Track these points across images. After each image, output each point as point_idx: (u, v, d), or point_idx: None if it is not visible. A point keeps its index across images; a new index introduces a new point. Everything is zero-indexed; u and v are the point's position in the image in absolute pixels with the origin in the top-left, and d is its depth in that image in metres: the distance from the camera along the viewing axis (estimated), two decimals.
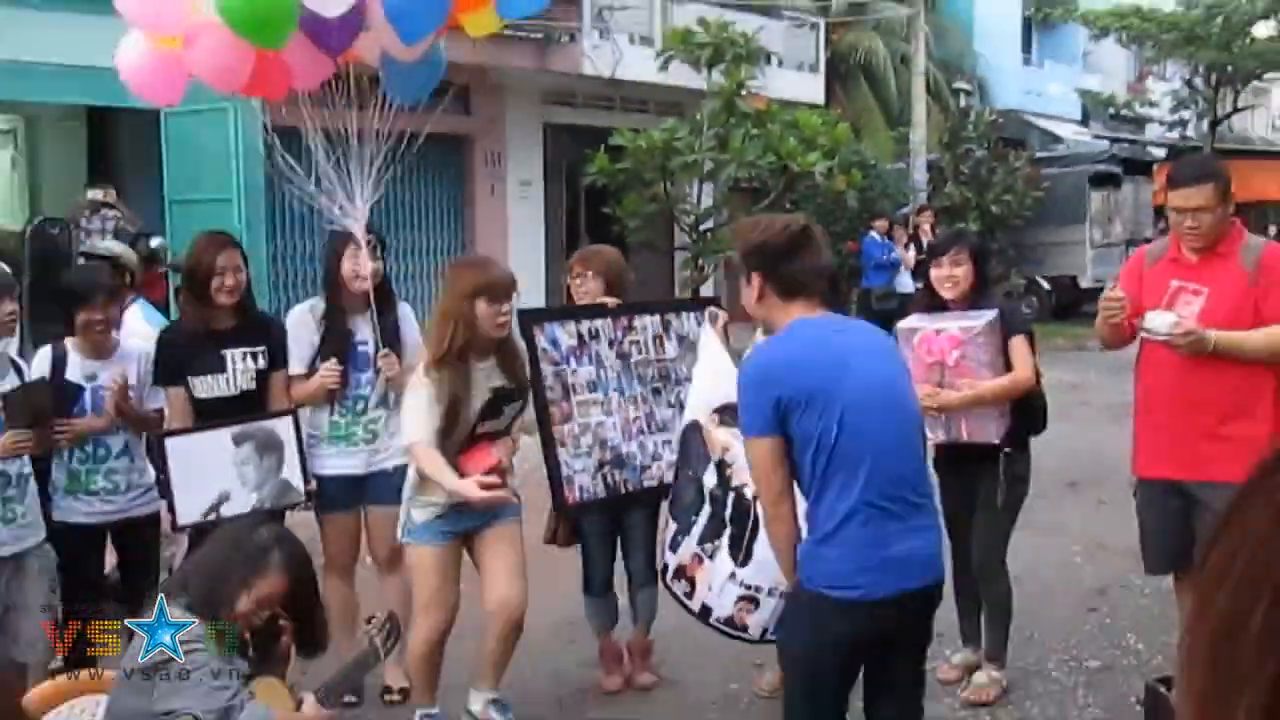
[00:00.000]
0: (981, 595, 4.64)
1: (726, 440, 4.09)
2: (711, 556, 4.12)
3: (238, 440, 4.33)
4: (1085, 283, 18.20)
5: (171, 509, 4.32)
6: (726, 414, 4.14)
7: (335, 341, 4.54)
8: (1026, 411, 4.49)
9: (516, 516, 4.31)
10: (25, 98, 10.99)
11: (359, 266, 4.50)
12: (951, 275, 4.48)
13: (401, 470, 4.66)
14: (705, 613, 4.15)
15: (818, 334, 3.12)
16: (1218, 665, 0.50)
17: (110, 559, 4.57)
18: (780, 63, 17.63)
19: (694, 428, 4.23)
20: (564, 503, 4.55)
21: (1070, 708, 4.54)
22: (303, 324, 4.61)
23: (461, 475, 3.95)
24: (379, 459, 4.62)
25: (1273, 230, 23.24)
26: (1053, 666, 4.93)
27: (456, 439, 4.00)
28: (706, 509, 4.19)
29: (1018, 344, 4.43)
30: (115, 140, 12.38)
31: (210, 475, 4.26)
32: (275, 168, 4.93)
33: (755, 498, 3.63)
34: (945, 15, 23.70)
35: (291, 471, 4.40)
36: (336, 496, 4.61)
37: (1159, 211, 17.57)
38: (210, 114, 10.94)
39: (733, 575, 4.03)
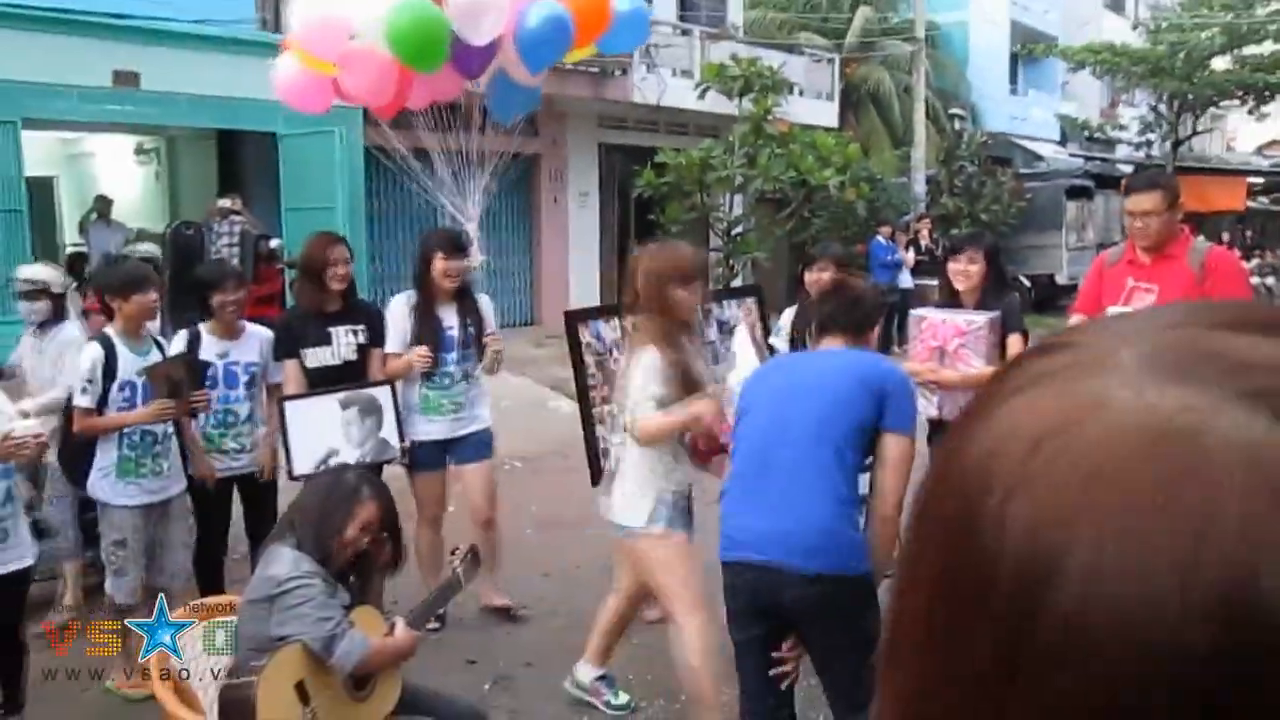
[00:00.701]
0: None
1: None
2: None
3: (345, 404, 4.41)
4: (1061, 280, 18.02)
5: (289, 461, 4.41)
6: None
7: (427, 327, 4.61)
8: None
9: None
10: (168, 122, 11.15)
11: (446, 267, 4.57)
12: (965, 270, 4.45)
13: (484, 433, 4.74)
14: None
15: (778, 367, 3.26)
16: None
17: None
18: (801, 92, 17.49)
19: None
20: (599, 471, 4.60)
21: None
22: (400, 313, 4.67)
23: (708, 456, 3.63)
24: (463, 425, 4.70)
25: (1225, 237, 22.83)
26: None
27: None
28: None
29: (1014, 340, 4.38)
30: (241, 157, 12.51)
31: (321, 433, 4.34)
32: (414, 178, 5.06)
33: None
34: (943, 51, 23.41)
35: (389, 432, 4.48)
36: (427, 457, 4.69)
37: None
38: (318, 136, 11.08)
39: None
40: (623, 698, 4.06)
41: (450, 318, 4.66)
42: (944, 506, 0.42)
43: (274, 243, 10.33)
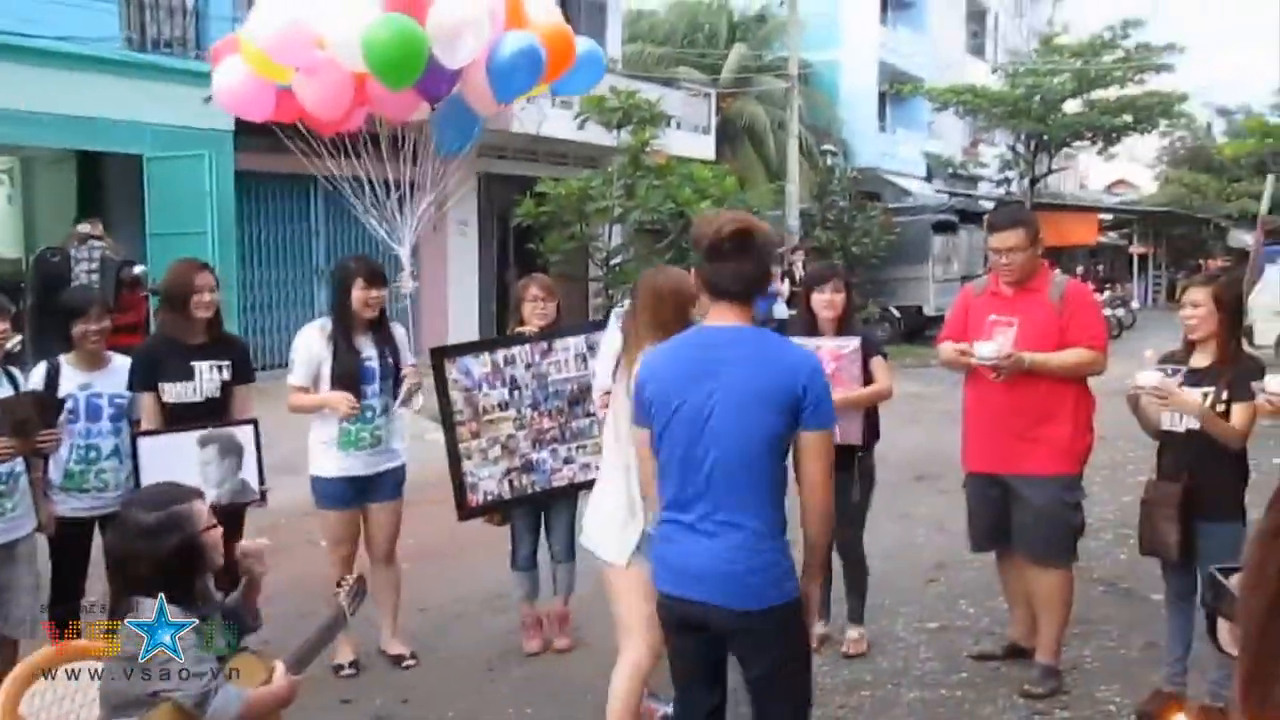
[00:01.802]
0: (844, 571, 4.72)
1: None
2: None
3: (203, 442, 4.19)
4: (929, 311, 18.70)
5: None
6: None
7: (347, 359, 4.42)
8: (873, 422, 4.63)
9: None
10: (23, 142, 10.65)
11: (367, 296, 4.43)
12: (832, 300, 4.57)
13: (399, 470, 4.61)
14: None
15: (689, 347, 2.83)
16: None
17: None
18: (678, 125, 17.78)
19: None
20: (464, 505, 4.59)
21: (913, 661, 4.64)
22: (311, 341, 4.46)
23: None
24: (382, 461, 4.53)
25: (1079, 269, 24.05)
26: (900, 628, 5.03)
27: None
28: None
29: (878, 363, 4.57)
30: (103, 180, 12.04)
31: (176, 472, 4.05)
32: (347, 203, 4.94)
33: None
34: (815, 88, 24.13)
35: (249, 473, 4.27)
36: (341, 494, 4.49)
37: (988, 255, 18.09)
38: (187, 160, 10.76)
39: None
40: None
41: (368, 348, 4.48)
42: None
43: (137, 269, 9.94)
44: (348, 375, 4.41)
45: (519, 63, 4.34)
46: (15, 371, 4.07)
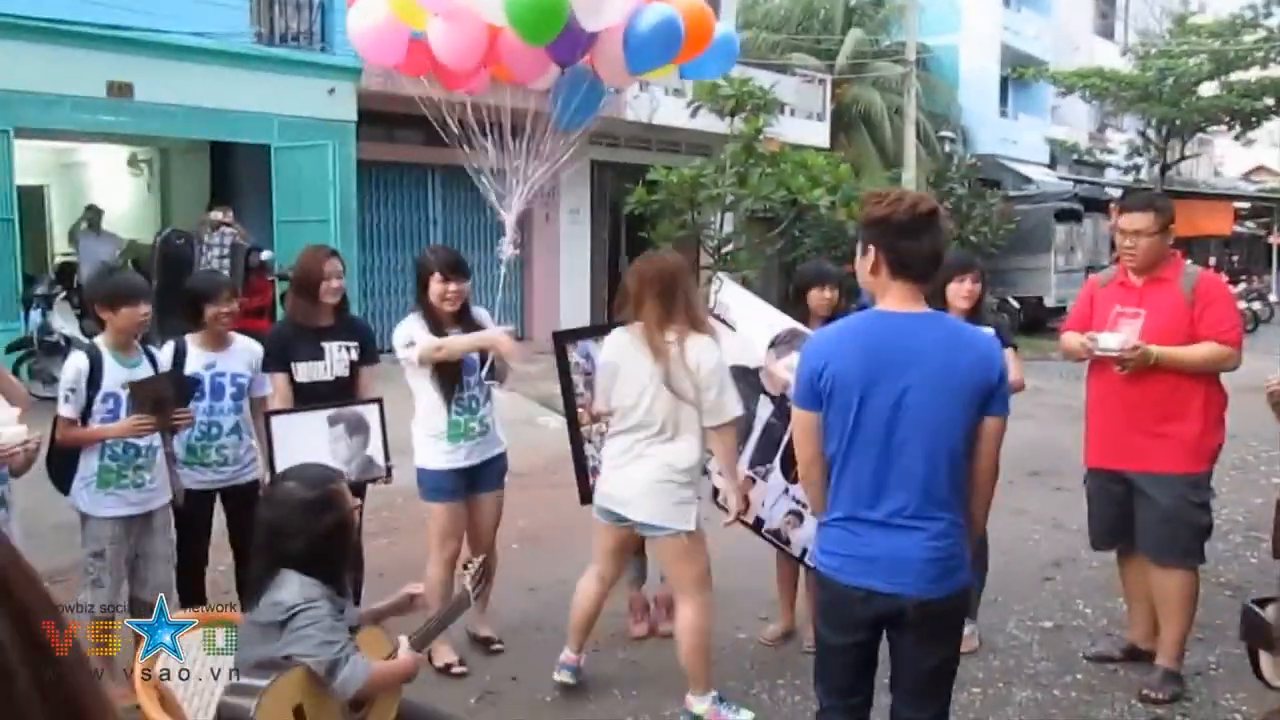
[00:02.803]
0: None
1: (786, 378, 4.17)
2: (764, 477, 4.33)
3: (332, 421, 4.34)
4: (1050, 302, 18.15)
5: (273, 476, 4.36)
6: (780, 346, 4.32)
7: None
8: None
9: None
10: (161, 133, 11.15)
11: (445, 289, 4.39)
12: (969, 290, 4.50)
13: (503, 459, 4.63)
14: (758, 524, 4.36)
15: (873, 333, 2.70)
16: None
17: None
18: (792, 112, 17.59)
19: (739, 373, 4.16)
20: (587, 489, 4.56)
21: (1026, 660, 4.53)
22: (415, 330, 4.44)
23: None
24: (489, 448, 4.54)
25: (1211, 260, 23.01)
26: (1013, 626, 4.91)
27: None
28: (755, 436, 4.33)
29: (1010, 355, 4.43)
30: (234, 169, 12.52)
31: (307, 449, 4.22)
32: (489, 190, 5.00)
33: None
34: (934, 73, 23.56)
35: (375, 450, 4.40)
36: (452, 486, 4.48)
37: (1114, 243, 17.39)
38: (311, 150, 11.12)
39: (786, 490, 4.29)
40: (745, 715, 3.96)
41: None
42: None
43: (265, 255, 10.33)
44: (447, 366, 4.42)
45: (658, 35, 4.25)
46: (155, 351, 4.27)
